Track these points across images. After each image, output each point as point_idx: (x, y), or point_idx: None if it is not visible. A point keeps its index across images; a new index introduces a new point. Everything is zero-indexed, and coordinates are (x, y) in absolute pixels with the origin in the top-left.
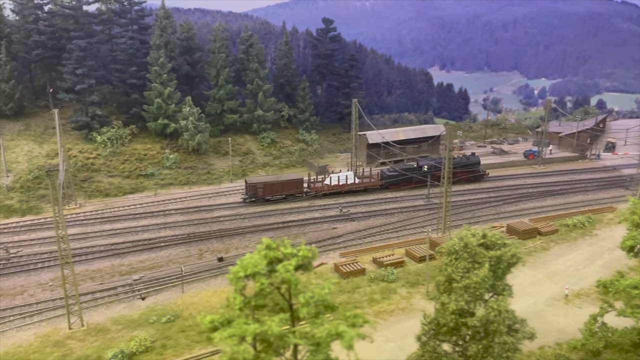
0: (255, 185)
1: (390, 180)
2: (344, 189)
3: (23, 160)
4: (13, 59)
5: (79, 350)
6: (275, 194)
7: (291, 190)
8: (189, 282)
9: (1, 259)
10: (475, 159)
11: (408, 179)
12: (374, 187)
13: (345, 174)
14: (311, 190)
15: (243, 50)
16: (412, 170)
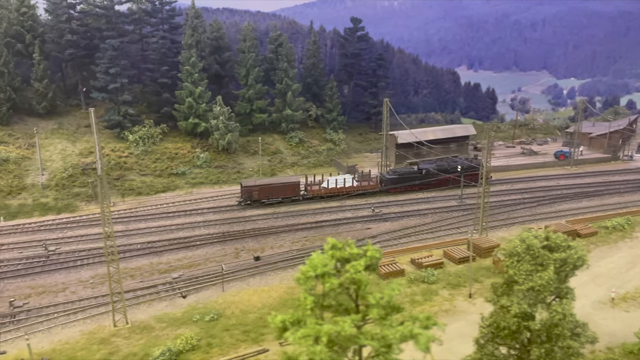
0: (251, 189)
1: (389, 183)
2: (342, 192)
3: (57, 159)
4: (45, 58)
5: (126, 348)
6: (271, 197)
7: (287, 194)
8: (228, 281)
9: (41, 256)
10: (477, 162)
11: (408, 182)
12: (373, 190)
13: (344, 176)
14: (308, 193)
15: (272, 50)
16: (413, 174)
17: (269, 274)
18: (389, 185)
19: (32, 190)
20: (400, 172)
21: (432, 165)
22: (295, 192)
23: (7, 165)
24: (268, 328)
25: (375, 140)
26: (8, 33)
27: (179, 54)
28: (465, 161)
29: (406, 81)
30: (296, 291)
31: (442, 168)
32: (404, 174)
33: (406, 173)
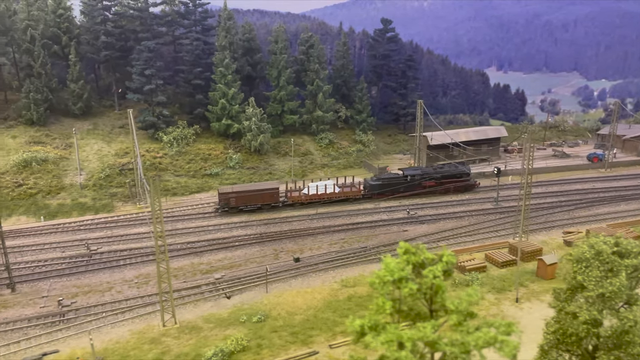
0: (228, 195)
1: (374, 189)
2: (323, 199)
3: (94, 159)
4: (80, 59)
5: (176, 348)
6: (248, 204)
7: (266, 200)
8: (271, 282)
9: (83, 256)
10: (465, 168)
11: (392, 188)
12: (355, 197)
13: (325, 183)
14: (288, 199)
15: (303, 51)
16: (397, 180)
17: (310, 275)
18: (372, 191)
19: (71, 190)
20: (385, 178)
21: (417, 172)
22: (274, 199)
23: (46, 165)
24: (316, 330)
25: (403, 141)
26: (45, 35)
27: (211, 55)
28: (454, 168)
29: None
30: (340, 294)
31: (428, 174)
32: (388, 180)
33: (390, 179)
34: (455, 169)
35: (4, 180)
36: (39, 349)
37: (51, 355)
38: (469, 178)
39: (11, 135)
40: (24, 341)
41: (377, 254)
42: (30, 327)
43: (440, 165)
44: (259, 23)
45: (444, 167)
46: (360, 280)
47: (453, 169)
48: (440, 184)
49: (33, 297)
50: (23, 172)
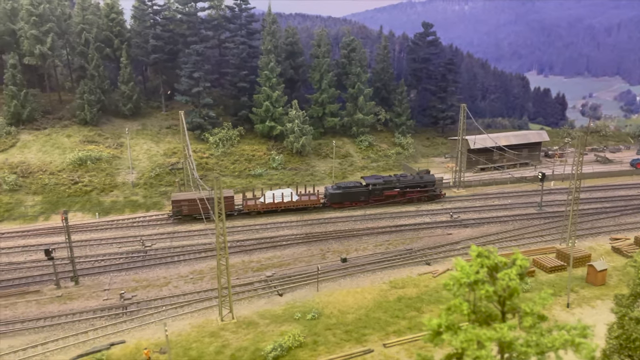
0: (180, 203)
1: (333, 198)
2: (281, 207)
3: (144, 158)
4: (130, 62)
5: (236, 342)
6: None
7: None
8: (321, 281)
9: (139, 252)
10: (430, 177)
11: (352, 198)
12: (314, 205)
13: (281, 191)
14: (244, 208)
15: (344, 55)
16: (358, 189)
17: (358, 275)
18: (332, 200)
19: (123, 188)
20: (345, 186)
21: (379, 181)
22: (229, 207)
23: (100, 163)
24: (368, 329)
25: (442, 144)
26: (98, 38)
27: (255, 58)
28: (418, 177)
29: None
30: (389, 294)
31: (390, 184)
32: (349, 189)
33: (351, 188)
34: (420, 179)
35: (61, 177)
36: (106, 339)
37: (118, 345)
38: (434, 188)
39: (66, 134)
40: (92, 331)
41: (423, 256)
42: (95, 319)
43: (404, 175)
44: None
45: (407, 177)
46: (408, 282)
47: (417, 178)
48: (403, 194)
49: (95, 290)
50: (78, 170)
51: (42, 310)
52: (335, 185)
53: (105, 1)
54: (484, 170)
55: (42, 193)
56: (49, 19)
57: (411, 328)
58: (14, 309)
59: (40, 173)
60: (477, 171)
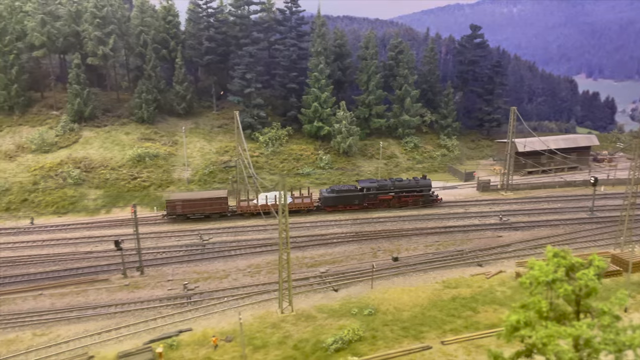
0: (174, 203)
1: (326, 201)
2: (274, 209)
3: (197, 156)
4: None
5: (296, 334)
6: (195, 211)
7: (214, 209)
8: (374, 279)
9: (197, 245)
10: (426, 182)
11: (346, 201)
12: (308, 208)
13: (274, 193)
14: (237, 209)
15: (392, 57)
16: (352, 193)
17: (411, 274)
18: (326, 203)
19: (179, 184)
20: (339, 190)
21: (373, 184)
22: (222, 208)
23: (157, 160)
24: (425, 326)
25: (487, 147)
26: (155, 40)
27: (304, 60)
28: (414, 182)
29: (521, 88)
30: (443, 294)
31: (385, 188)
32: (342, 193)
33: (344, 192)
34: (416, 183)
35: (121, 172)
36: (174, 326)
37: (186, 332)
38: (429, 193)
39: (124, 131)
40: (160, 319)
41: (474, 257)
42: (162, 307)
43: (399, 179)
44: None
45: (402, 181)
46: (461, 282)
47: (413, 182)
48: (398, 198)
49: (160, 280)
50: (137, 166)
51: (112, 298)
52: (330, 189)
53: (162, 4)
54: (532, 174)
55: (104, 187)
56: (111, 21)
57: (467, 327)
58: (85, 295)
59: (102, 168)
60: (524, 174)
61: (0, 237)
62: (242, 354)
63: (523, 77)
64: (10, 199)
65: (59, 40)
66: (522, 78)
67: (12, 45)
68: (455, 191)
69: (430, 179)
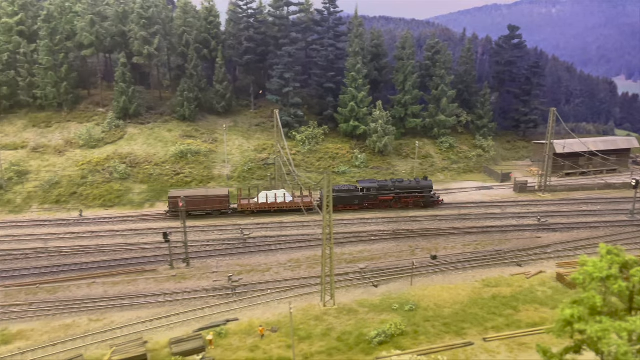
0: (176, 199)
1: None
2: (274, 208)
3: (236, 153)
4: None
5: (339, 327)
6: (197, 208)
7: (215, 206)
8: (414, 276)
9: (238, 239)
10: (427, 183)
11: (346, 201)
12: (307, 207)
13: (275, 192)
14: (238, 207)
15: (428, 57)
16: (352, 193)
17: (450, 273)
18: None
19: (219, 180)
20: (338, 190)
21: (374, 185)
22: (223, 205)
23: (198, 157)
24: (466, 323)
25: (523, 148)
26: (197, 40)
27: (341, 60)
28: (415, 182)
29: (558, 89)
30: (483, 292)
31: (385, 188)
32: (342, 193)
33: (344, 191)
34: (416, 184)
35: (164, 168)
36: (221, 316)
37: (233, 322)
38: (430, 194)
39: (167, 129)
40: (207, 308)
41: (513, 257)
42: (209, 297)
43: (400, 180)
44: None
45: (403, 182)
46: (501, 281)
47: (414, 183)
48: (398, 199)
49: (205, 272)
50: (180, 162)
51: (160, 287)
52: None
53: (203, 5)
54: (569, 176)
55: (148, 182)
56: (156, 21)
57: (509, 325)
58: (135, 284)
59: (146, 164)
60: (562, 176)
61: (52, 228)
62: (291, 342)
63: (561, 79)
64: (60, 192)
65: (106, 39)
66: (560, 79)
67: (62, 44)
68: (491, 192)
69: (431, 180)
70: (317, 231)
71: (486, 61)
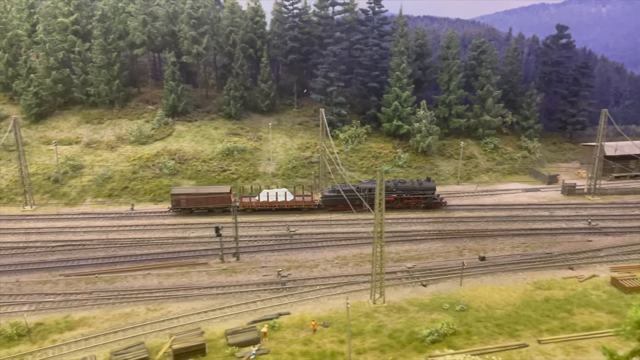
0: (179, 197)
1: (328, 200)
2: (275, 206)
3: (280, 151)
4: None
5: (390, 324)
6: (199, 206)
7: (216, 204)
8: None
9: (285, 235)
10: (429, 184)
11: (346, 202)
12: (308, 206)
13: (276, 190)
14: (240, 205)
15: (473, 57)
16: (352, 193)
17: (500, 274)
18: (326, 203)
19: (264, 177)
20: (339, 190)
21: (374, 186)
22: (225, 203)
23: (244, 154)
24: (520, 325)
25: (570, 150)
26: (243, 39)
27: (385, 59)
28: (417, 184)
29: (607, 90)
30: (535, 295)
31: (386, 190)
32: (342, 193)
33: (345, 192)
34: (419, 185)
35: (211, 165)
36: (272, 309)
37: (285, 316)
38: (432, 195)
39: (213, 126)
40: (259, 302)
41: (564, 260)
42: (259, 291)
43: (402, 181)
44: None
45: (405, 183)
46: (553, 284)
47: (416, 184)
48: (400, 200)
49: (254, 266)
50: (226, 159)
51: (212, 280)
52: (332, 188)
53: (249, 5)
54: (619, 179)
55: (196, 178)
56: (205, 21)
57: (564, 328)
58: (188, 277)
59: (194, 160)
60: (611, 179)
61: (105, 220)
62: (342, 337)
63: (610, 79)
64: (113, 186)
65: (157, 39)
66: (609, 80)
67: (114, 43)
68: (538, 194)
69: (434, 182)
70: (361, 229)
71: (532, 61)
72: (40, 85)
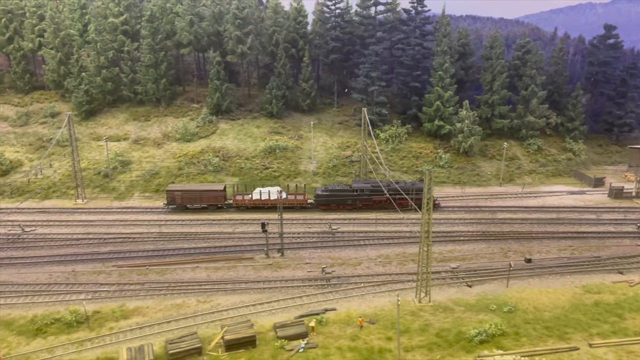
0: (173, 193)
1: (320, 199)
2: (267, 204)
3: (321, 150)
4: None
5: (436, 323)
6: (194, 202)
7: (210, 201)
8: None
9: (327, 233)
10: (421, 185)
11: (339, 201)
12: (300, 205)
13: (269, 189)
14: (233, 203)
15: (517, 57)
16: (344, 193)
17: (547, 277)
18: (319, 201)
19: (305, 175)
20: (332, 189)
21: (367, 185)
22: (218, 200)
23: (286, 152)
24: (569, 328)
25: (616, 152)
26: (286, 39)
27: (427, 59)
28: (410, 184)
29: None
30: (584, 298)
31: (378, 189)
32: (336, 192)
33: (338, 191)
34: (412, 186)
35: (254, 162)
36: (318, 305)
37: (331, 312)
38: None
39: (255, 125)
40: (305, 297)
41: (614, 265)
42: (305, 287)
43: (396, 181)
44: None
45: (399, 183)
46: (603, 288)
47: (409, 185)
48: (393, 200)
49: (299, 262)
50: (268, 157)
51: (258, 275)
52: (324, 187)
53: (292, 5)
54: None
55: (239, 175)
56: (249, 21)
57: (615, 332)
58: (235, 271)
59: (237, 158)
60: None
61: (153, 215)
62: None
63: None
64: (160, 182)
65: (203, 39)
66: None
67: (162, 43)
68: (584, 197)
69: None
70: (404, 228)
71: (578, 61)
72: (91, 84)
